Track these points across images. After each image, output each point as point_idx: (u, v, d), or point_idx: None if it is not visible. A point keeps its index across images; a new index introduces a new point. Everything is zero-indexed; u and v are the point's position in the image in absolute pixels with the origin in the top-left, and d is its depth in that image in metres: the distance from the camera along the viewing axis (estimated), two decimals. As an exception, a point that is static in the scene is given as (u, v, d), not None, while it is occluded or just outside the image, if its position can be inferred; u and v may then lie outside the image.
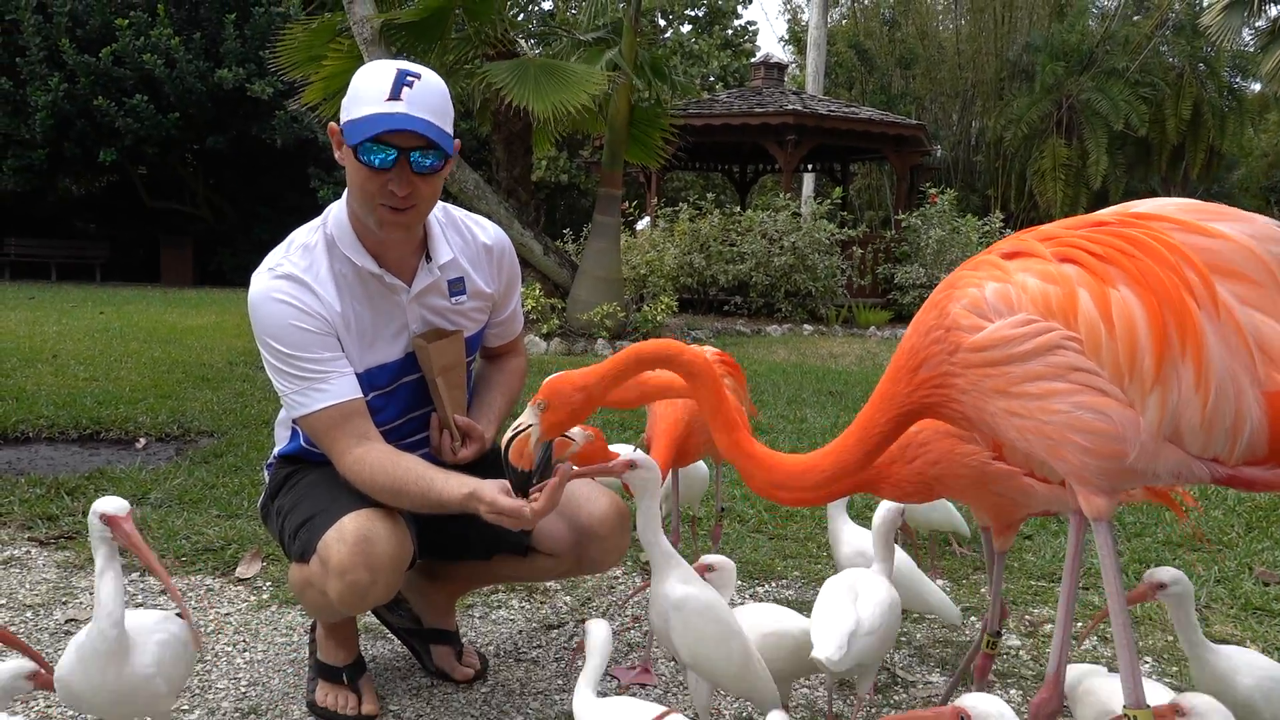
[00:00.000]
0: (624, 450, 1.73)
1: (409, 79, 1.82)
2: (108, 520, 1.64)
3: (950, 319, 1.36)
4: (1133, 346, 1.24)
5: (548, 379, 1.66)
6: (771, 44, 55.07)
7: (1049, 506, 1.77)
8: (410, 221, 1.94)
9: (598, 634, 1.71)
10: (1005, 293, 1.32)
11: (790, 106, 13.50)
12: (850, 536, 2.42)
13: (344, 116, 1.86)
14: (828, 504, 2.40)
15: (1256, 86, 22.67)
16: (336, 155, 1.92)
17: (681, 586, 1.72)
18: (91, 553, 1.69)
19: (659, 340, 1.68)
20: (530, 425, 1.64)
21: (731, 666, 1.76)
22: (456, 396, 2.08)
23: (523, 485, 1.73)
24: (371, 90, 1.83)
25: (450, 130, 1.89)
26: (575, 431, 2.03)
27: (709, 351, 2.25)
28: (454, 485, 1.84)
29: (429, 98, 1.85)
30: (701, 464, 2.95)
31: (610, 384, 1.65)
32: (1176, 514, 2.01)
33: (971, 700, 1.36)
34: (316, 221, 2.02)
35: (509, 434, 1.66)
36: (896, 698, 2.33)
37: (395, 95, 1.81)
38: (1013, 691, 2.36)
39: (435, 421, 2.09)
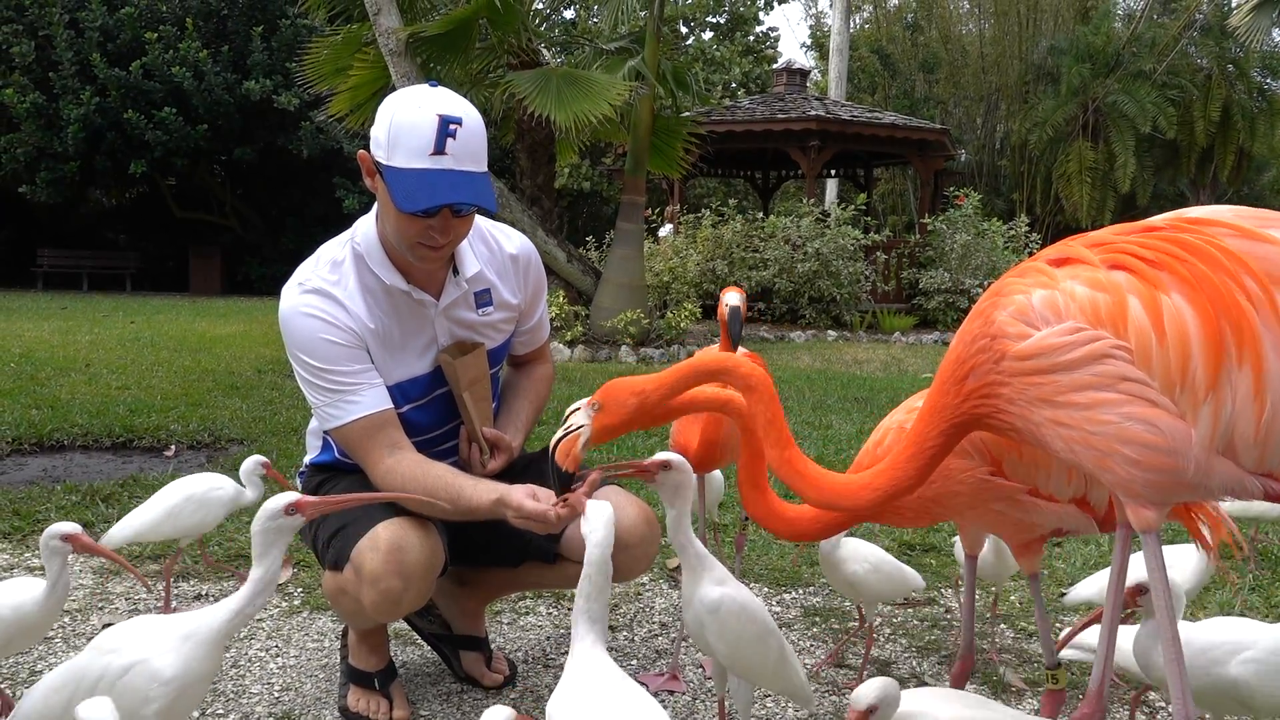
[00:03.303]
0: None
1: (451, 127, 1.80)
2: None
3: (996, 327, 1.33)
4: (1184, 355, 1.20)
5: (609, 381, 1.63)
6: (794, 50, 55.02)
7: (1062, 525, 1.68)
8: (447, 254, 1.98)
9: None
10: (1053, 300, 1.28)
11: (813, 112, 13.49)
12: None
13: (382, 156, 1.84)
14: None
15: (1287, 87, 22.36)
16: (368, 183, 1.91)
17: (717, 589, 1.71)
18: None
19: (718, 354, 1.63)
20: (582, 426, 1.61)
21: (769, 665, 1.76)
22: (483, 409, 2.11)
23: (566, 485, 1.70)
24: (414, 140, 1.80)
25: (486, 164, 1.90)
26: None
27: (740, 351, 2.25)
28: (482, 491, 1.86)
29: (471, 143, 1.84)
30: (718, 471, 2.95)
31: (668, 394, 1.61)
32: (1205, 547, 1.81)
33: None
34: (345, 236, 2.04)
35: (560, 432, 1.63)
36: (926, 706, 2.32)
37: (440, 149, 1.80)
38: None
39: (464, 434, 2.12)
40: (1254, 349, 1.18)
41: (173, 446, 4.91)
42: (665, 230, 14.55)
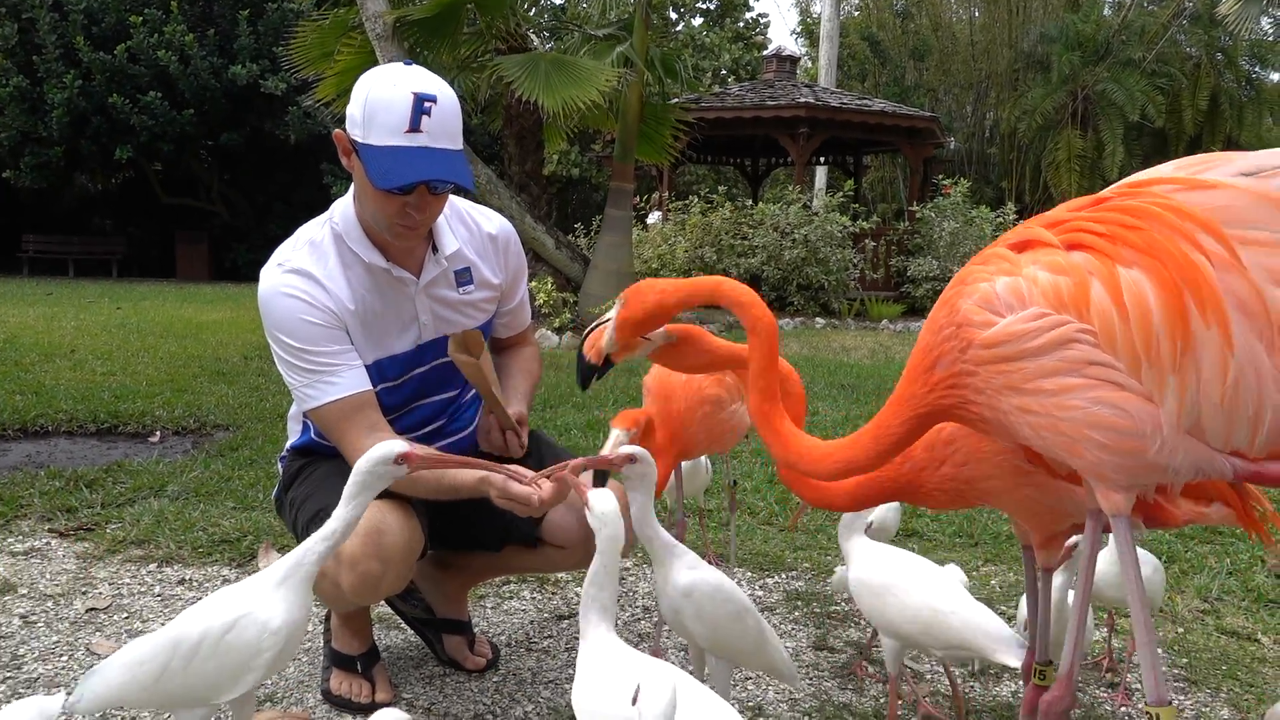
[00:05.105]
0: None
1: (426, 104, 1.81)
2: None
3: (961, 315, 1.33)
4: (1147, 329, 1.19)
5: (639, 281, 1.71)
6: (783, 36, 54.81)
7: None
8: (424, 232, 1.99)
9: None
10: (1016, 286, 1.28)
11: (802, 99, 13.46)
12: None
13: (358, 135, 1.84)
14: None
15: (1275, 76, 22.41)
16: (345, 162, 1.92)
17: (688, 573, 1.72)
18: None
19: (739, 285, 1.64)
20: (609, 319, 1.68)
21: (748, 644, 1.77)
22: (498, 393, 2.12)
23: (586, 379, 1.77)
24: (389, 117, 1.81)
25: (462, 142, 1.91)
26: (658, 333, 1.85)
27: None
28: (466, 471, 1.87)
29: (446, 121, 1.85)
30: (703, 459, 2.95)
31: (684, 300, 1.66)
32: (1261, 537, 1.63)
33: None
34: (323, 217, 2.04)
35: (593, 324, 1.71)
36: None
37: (415, 126, 1.81)
38: (1021, 682, 2.37)
39: (495, 424, 2.13)
40: (1216, 307, 1.17)
41: (158, 432, 4.90)
42: (654, 217, 14.53)
